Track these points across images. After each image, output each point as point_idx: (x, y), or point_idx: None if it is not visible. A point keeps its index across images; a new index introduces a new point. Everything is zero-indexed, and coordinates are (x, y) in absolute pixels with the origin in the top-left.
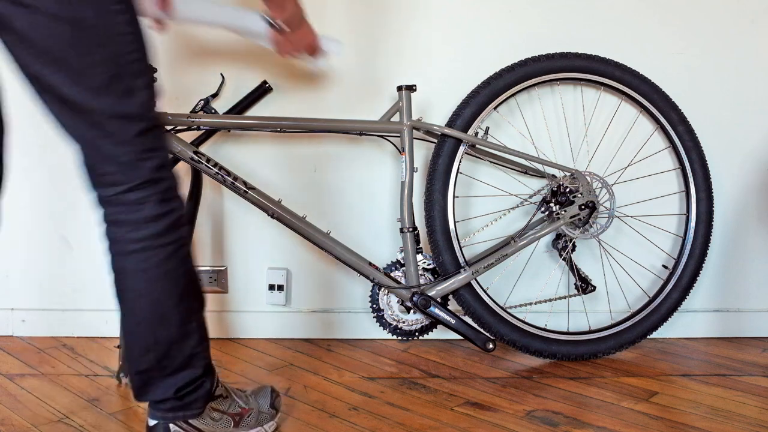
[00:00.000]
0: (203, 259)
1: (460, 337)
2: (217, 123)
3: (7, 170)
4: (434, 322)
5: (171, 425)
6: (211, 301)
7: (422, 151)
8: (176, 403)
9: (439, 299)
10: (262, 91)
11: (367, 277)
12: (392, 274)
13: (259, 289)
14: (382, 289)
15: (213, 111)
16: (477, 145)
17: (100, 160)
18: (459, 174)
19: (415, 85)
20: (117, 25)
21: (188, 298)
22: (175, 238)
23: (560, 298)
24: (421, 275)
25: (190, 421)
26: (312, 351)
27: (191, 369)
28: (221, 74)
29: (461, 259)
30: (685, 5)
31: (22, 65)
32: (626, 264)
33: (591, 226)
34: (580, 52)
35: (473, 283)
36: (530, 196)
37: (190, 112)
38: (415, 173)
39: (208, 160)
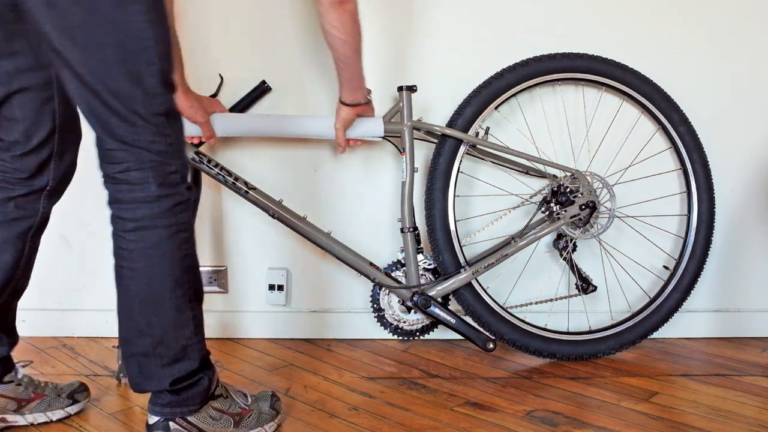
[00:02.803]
0: (203, 259)
1: (460, 337)
2: None
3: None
4: (435, 322)
5: (171, 423)
6: (211, 301)
7: (423, 151)
8: (173, 397)
9: (439, 299)
10: (261, 90)
11: (368, 277)
12: (393, 274)
13: (259, 289)
14: (383, 289)
15: None
16: (478, 145)
17: (109, 136)
18: (459, 174)
19: (415, 86)
20: (129, 15)
21: (184, 286)
22: (174, 221)
23: (561, 298)
24: (422, 275)
25: (189, 419)
26: (312, 351)
27: (187, 360)
28: (220, 75)
29: (462, 259)
30: (687, 5)
31: (47, 38)
32: (627, 264)
33: (592, 226)
34: (582, 52)
35: (474, 282)
36: (531, 196)
37: None
38: (415, 173)
39: (209, 160)
